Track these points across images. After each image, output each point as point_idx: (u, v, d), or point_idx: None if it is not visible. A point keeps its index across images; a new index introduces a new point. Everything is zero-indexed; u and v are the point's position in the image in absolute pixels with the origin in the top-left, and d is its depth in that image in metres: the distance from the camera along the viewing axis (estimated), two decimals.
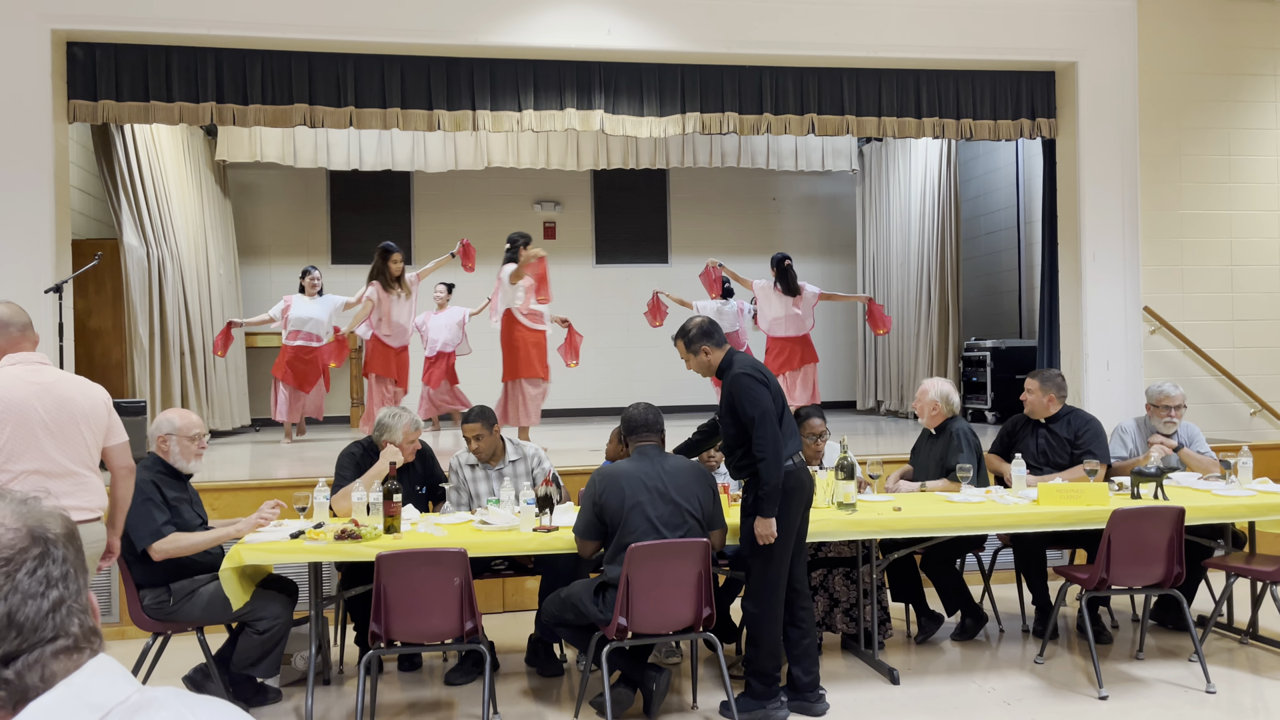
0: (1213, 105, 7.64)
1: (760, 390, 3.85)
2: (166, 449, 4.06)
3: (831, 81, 7.36)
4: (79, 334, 6.85)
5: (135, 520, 3.87)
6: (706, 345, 4.06)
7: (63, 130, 6.49)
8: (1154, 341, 7.53)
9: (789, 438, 3.92)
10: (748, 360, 4.04)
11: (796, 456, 3.94)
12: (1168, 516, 4.29)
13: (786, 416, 3.97)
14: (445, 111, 6.94)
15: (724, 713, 3.97)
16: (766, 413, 3.80)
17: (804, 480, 3.95)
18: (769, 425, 3.79)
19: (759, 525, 3.84)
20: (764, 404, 3.82)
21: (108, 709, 0.84)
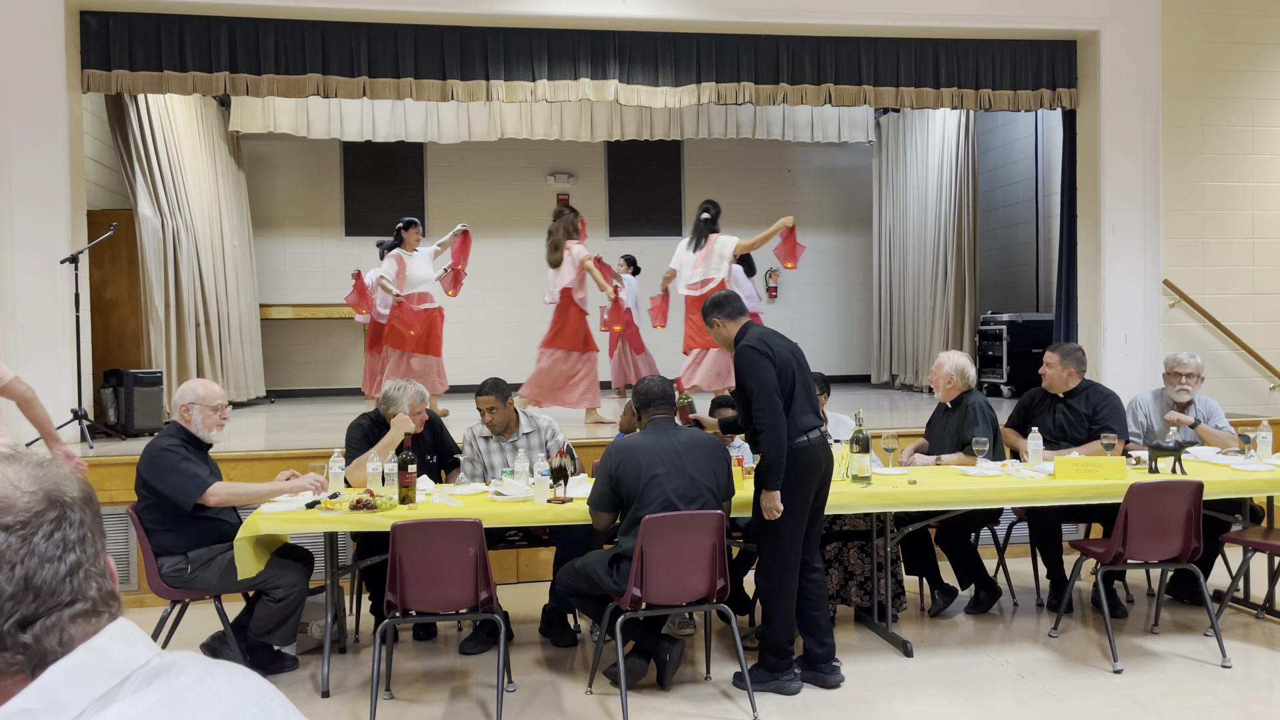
0: (1236, 75, 7.51)
1: (762, 363, 3.80)
2: (189, 418, 4.08)
3: (849, 51, 7.27)
4: (95, 304, 6.87)
5: (177, 483, 3.90)
6: (716, 317, 4.03)
7: (77, 100, 6.48)
8: (1173, 315, 7.45)
9: (802, 413, 3.87)
10: (758, 332, 3.96)
11: (813, 433, 3.88)
12: (1186, 491, 4.25)
13: (801, 391, 3.89)
14: (459, 81, 6.89)
15: (738, 683, 3.98)
16: (765, 385, 3.77)
17: (819, 457, 3.90)
18: (767, 398, 3.76)
19: (763, 499, 3.83)
20: (764, 377, 3.78)
21: (127, 673, 0.84)
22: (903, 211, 10.90)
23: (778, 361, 3.85)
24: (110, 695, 0.82)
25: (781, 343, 3.97)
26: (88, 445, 5.94)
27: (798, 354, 3.99)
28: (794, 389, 3.87)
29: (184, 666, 0.87)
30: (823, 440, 3.95)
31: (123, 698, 0.82)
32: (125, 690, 0.83)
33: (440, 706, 3.90)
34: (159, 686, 0.84)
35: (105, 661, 0.83)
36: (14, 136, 6.19)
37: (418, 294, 7.77)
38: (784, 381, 3.85)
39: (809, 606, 4.02)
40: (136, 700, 0.82)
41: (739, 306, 4.06)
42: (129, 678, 0.83)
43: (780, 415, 3.77)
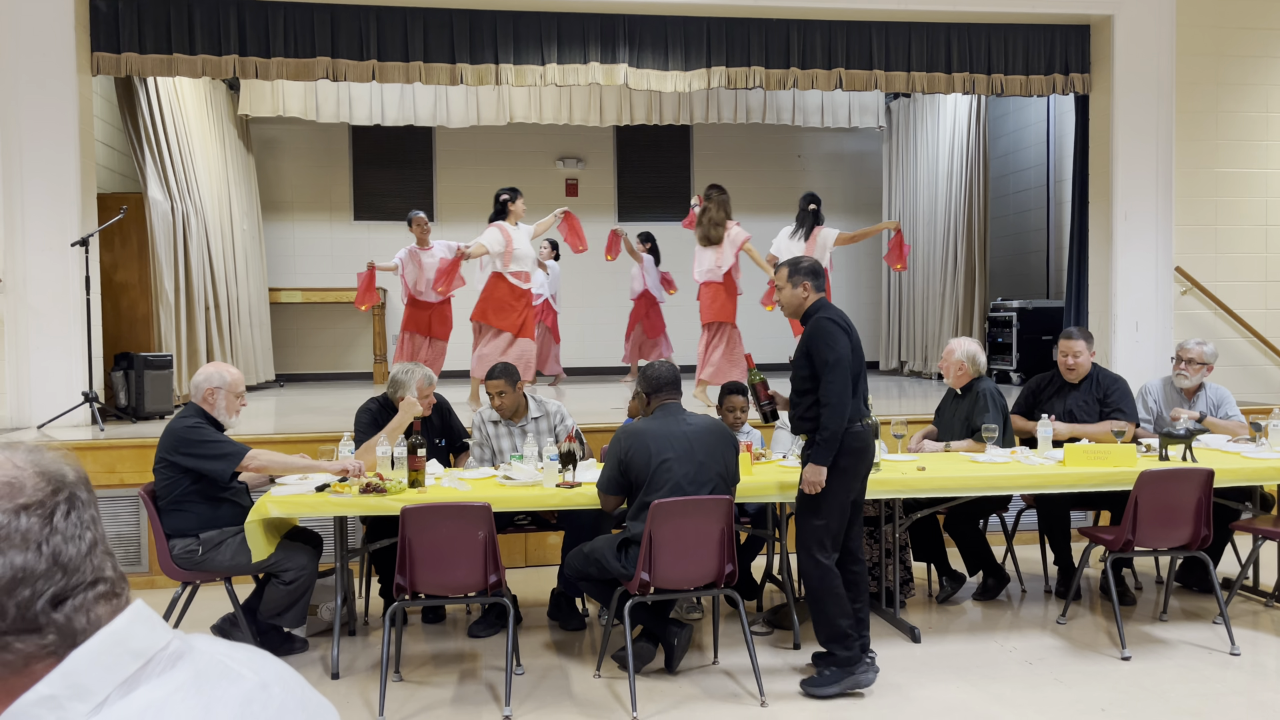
0: (1251, 60, 7.44)
1: (841, 337, 3.77)
2: (213, 402, 4.10)
3: (860, 35, 7.22)
4: (106, 287, 6.89)
5: (215, 450, 3.94)
6: (808, 282, 3.94)
7: (86, 83, 6.48)
8: (1185, 303, 7.42)
9: (863, 399, 3.87)
10: (836, 309, 3.92)
11: (866, 420, 3.86)
12: (1196, 478, 4.24)
13: (863, 378, 3.88)
14: (468, 65, 6.87)
15: (807, 691, 3.80)
16: (841, 359, 3.73)
17: (870, 443, 3.89)
18: (840, 373, 3.72)
19: (809, 471, 3.76)
20: (841, 351, 3.74)
21: (149, 655, 0.83)
22: (913, 197, 10.85)
23: (853, 341, 3.84)
24: (134, 679, 0.81)
25: (853, 328, 3.95)
26: (99, 428, 5.97)
27: (859, 344, 3.96)
28: (860, 374, 3.86)
29: (204, 650, 0.87)
30: (874, 428, 3.94)
31: (147, 681, 0.82)
32: (149, 673, 0.82)
33: (449, 689, 3.92)
34: (183, 668, 0.84)
35: (128, 645, 0.82)
36: (24, 119, 6.20)
37: (524, 272, 7.15)
38: (856, 362, 3.83)
39: (850, 599, 3.91)
40: (162, 683, 0.82)
41: (823, 284, 4.03)
42: (151, 660, 0.83)
43: (849, 393, 3.74)
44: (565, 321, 10.08)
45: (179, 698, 0.81)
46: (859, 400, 3.83)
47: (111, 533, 5.43)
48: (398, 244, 11.22)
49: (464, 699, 3.82)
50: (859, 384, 3.83)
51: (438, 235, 11.27)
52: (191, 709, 0.81)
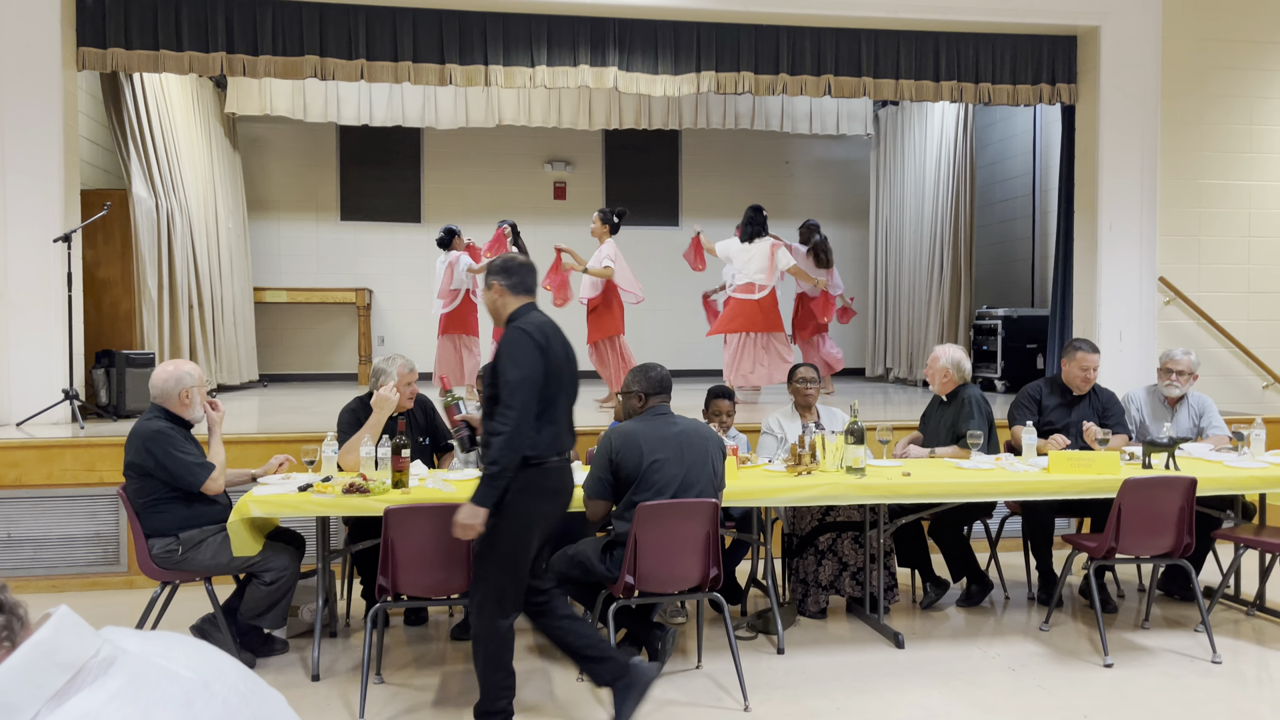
0: (1236, 73, 7.51)
1: (532, 353, 3.19)
2: (189, 401, 4.06)
3: (849, 42, 7.25)
4: (88, 284, 6.83)
5: (181, 464, 3.91)
6: (498, 281, 3.38)
7: (72, 78, 6.43)
8: (1168, 313, 7.46)
9: (566, 431, 3.36)
10: (539, 320, 3.33)
11: (559, 455, 3.34)
12: (1179, 487, 4.26)
13: (566, 405, 3.38)
14: (457, 66, 6.86)
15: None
16: (526, 380, 3.16)
17: (568, 484, 3.41)
18: (522, 395, 3.15)
19: (462, 513, 3.20)
20: (527, 369, 3.17)
21: (79, 666, 0.80)
22: (900, 205, 10.89)
23: (551, 362, 3.26)
24: (65, 691, 0.78)
25: (560, 342, 3.37)
26: (79, 426, 5.91)
27: (573, 363, 3.42)
28: (558, 399, 3.32)
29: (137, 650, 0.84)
30: (569, 464, 3.44)
31: (79, 691, 0.78)
32: (80, 683, 0.79)
33: (431, 691, 3.89)
34: (116, 674, 0.80)
35: (55, 657, 0.79)
36: (8, 114, 6.15)
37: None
38: (550, 386, 3.27)
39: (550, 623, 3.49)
40: (95, 692, 0.78)
41: (528, 284, 3.43)
42: (82, 670, 0.79)
43: (529, 420, 3.18)
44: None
45: (114, 706, 0.78)
46: (558, 430, 3.32)
47: (90, 532, 5.38)
48: (384, 244, 11.22)
49: (445, 701, 3.80)
50: (554, 409, 3.29)
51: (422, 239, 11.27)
52: (129, 717, 0.78)
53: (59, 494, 5.36)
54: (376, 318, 11.16)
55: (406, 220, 11.30)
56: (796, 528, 4.87)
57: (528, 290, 3.43)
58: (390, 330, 11.23)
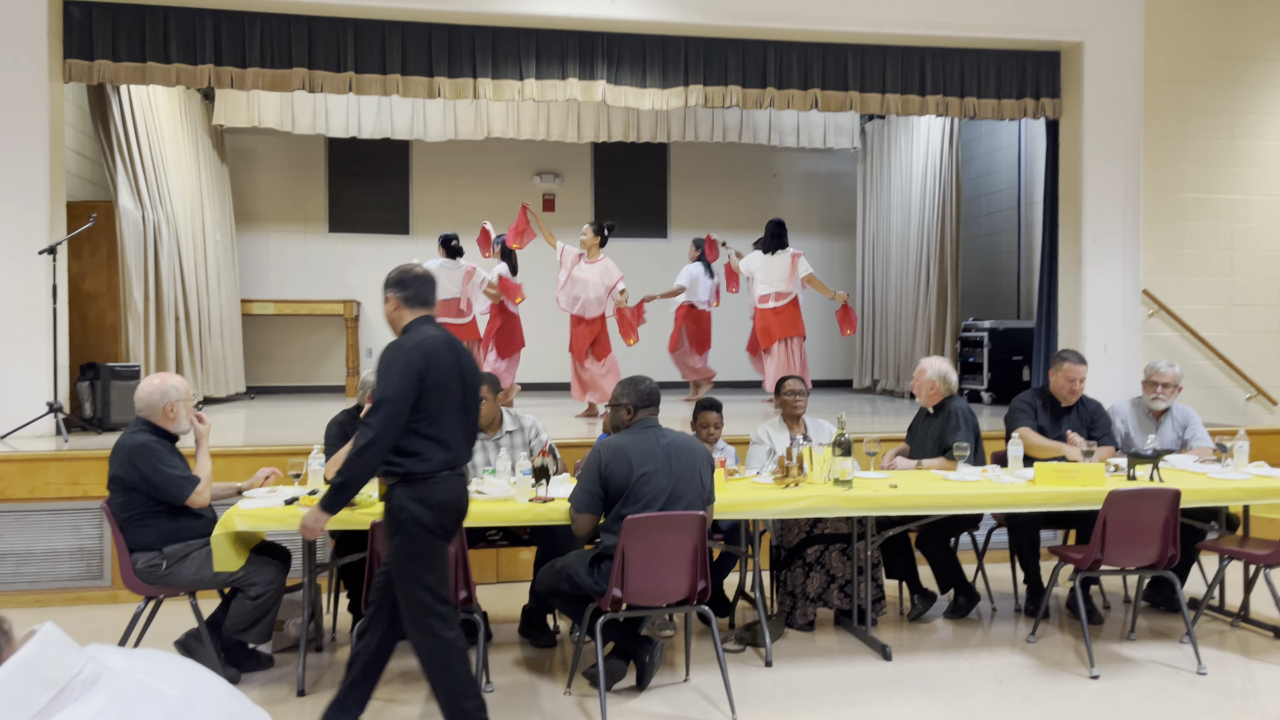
0: (1218, 88, 7.59)
1: (404, 374, 3.15)
2: (174, 414, 4.04)
3: (836, 57, 7.30)
4: (73, 296, 6.80)
5: (167, 478, 3.89)
6: (393, 294, 3.36)
7: (58, 90, 6.42)
8: (1152, 325, 7.52)
9: (452, 442, 3.29)
10: (427, 337, 3.27)
11: (451, 469, 3.30)
12: (1163, 498, 4.29)
13: (455, 419, 3.29)
14: (446, 79, 6.87)
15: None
16: (392, 398, 3.13)
17: (460, 495, 3.34)
18: (384, 412, 3.12)
19: (307, 516, 3.31)
20: (397, 388, 3.14)
21: (64, 683, 0.79)
22: (886, 218, 10.95)
23: (431, 380, 3.20)
24: (49, 709, 0.78)
25: (449, 361, 3.29)
26: (63, 439, 5.87)
27: (470, 377, 3.37)
28: (444, 414, 3.25)
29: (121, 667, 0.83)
30: (463, 482, 3.39)
31: (63, 709, 0.78)
32: (64, 700, 0.79)
33: (417, 706, 3.87)
34: (100, 691, 0.80)
35: (39, 674, 0.79)
36: None
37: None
38: (435, 402, 3.22)
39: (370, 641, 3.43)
40: (79, 709, 0.78)
41: (424, 297, 3.37)
42: (66, 687, 0.79)
43: (387, 440, 3.14)
44: (536, 335, 10.04)
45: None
46: (448, 444, 3.27)
47: (74, 546, 5.34)
48: (372, 256, 11.20)
49: (432, 716, 3.77)
50: (440, 424, 3.24)
51: (410, 251, 11.26)
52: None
53: (42, 508, 5.32)
54: (364, 329, 11.13)
55: (395, 232, 11.30)
56: (784, 540, 4.88)
57: (424, 303, 3.38)
58: (378, 342, 11.20)
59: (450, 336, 3.39)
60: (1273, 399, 7.56)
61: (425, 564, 3.26)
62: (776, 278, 8.29)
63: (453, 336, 3.42)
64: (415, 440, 3.22)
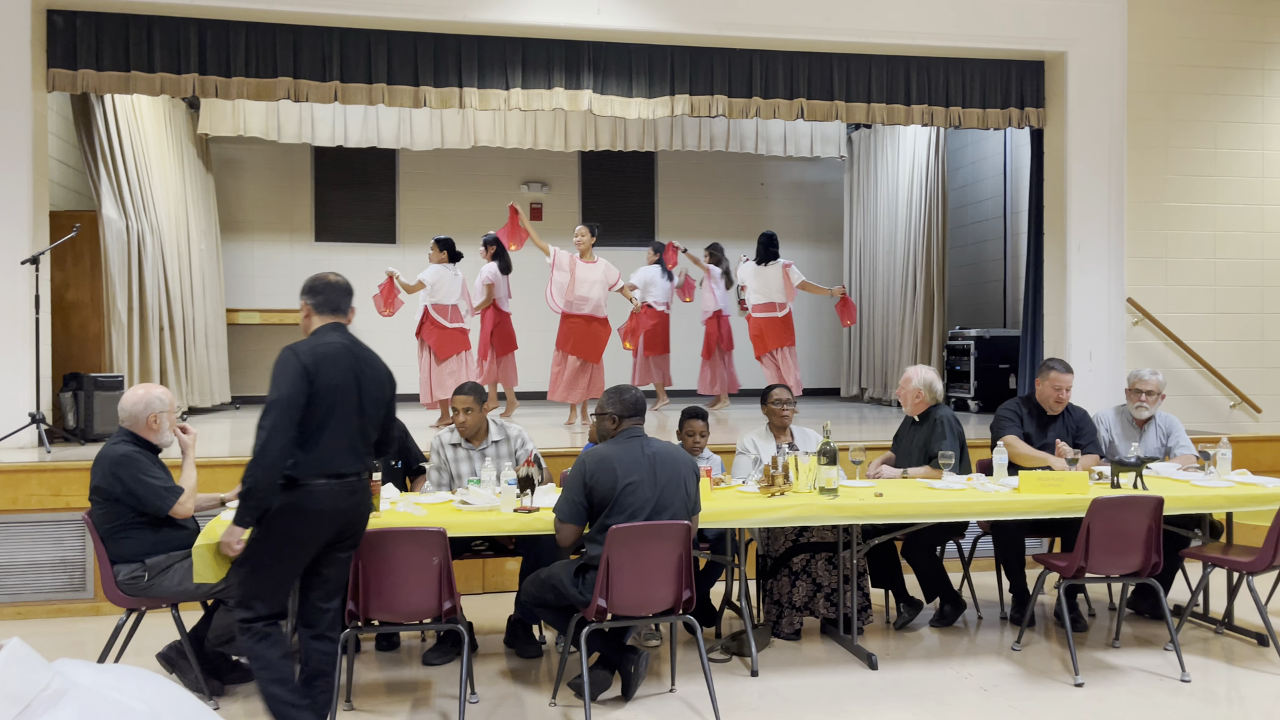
0: (1201, 98, 7.65)
1: (296, 381, 3.16)
2: (158, 426, 4.02)
3: (821, 66, 7.33)
4: (56, 306, 6.76)
5: (153, 486, 3.86)
6: (307, 301, 3.42)
7: (41, 99, 6.39)
8: (1136, 333, 7.56)
9: (335, 452, 3.25)
10: (322, 343, 3.30)
11: (340, 480, 3.27)
12: (1147, 506, 4.30)
13: (343, 427, 3.27)
14: (432, 88, 6.87)
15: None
16: (282, 400, 3.14)
17: (339, 506, 3.29)
18: (274, 416, 3.13)
19: (224, 531, 3.31)
20: (286, 390, 3.14)
21: (29, 699, 0.79)
22: (873, 227, 10.99)
23: (319, 385, 3.20)
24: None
25: (344, 367, 3.29)
26: (45, 450, 5.83)
27: (373, 387, 3.37)
28: (328, 423, 3.23)
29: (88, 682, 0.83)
30: (348, 490, 3.31)
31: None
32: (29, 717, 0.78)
33: (402, 718, 3.85)
34: (66, 707, 0.80)
35: (5, 689, 0.78)
36: None
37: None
38: (320, 410, 3.21)
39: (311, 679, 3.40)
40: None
41: (333, 303, 3.40)
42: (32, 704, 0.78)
43: (280, 441, 3.13)
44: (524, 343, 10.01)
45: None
46: (330, 453, 3.25)
47: (56, 558, 5.30)
48: (359, 265, 11.16)
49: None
50: (322, 432, 3.22)
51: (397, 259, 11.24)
52: None
53: (24, 519, 5.28)
54: None
55: (382, 241, 11.28)
56: (770, 549, 4.88)
57: (333, 310, 3.41)
58: None
59: (356, 345, 3.40)
60: (1256, 406, 7.60)
61: (268, 565, 3.27)
62: (771, 289, 8.39)
63: (360, 346, 3.43)
64: (295, 447, 3.20)
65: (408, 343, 8.25)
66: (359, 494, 3.38)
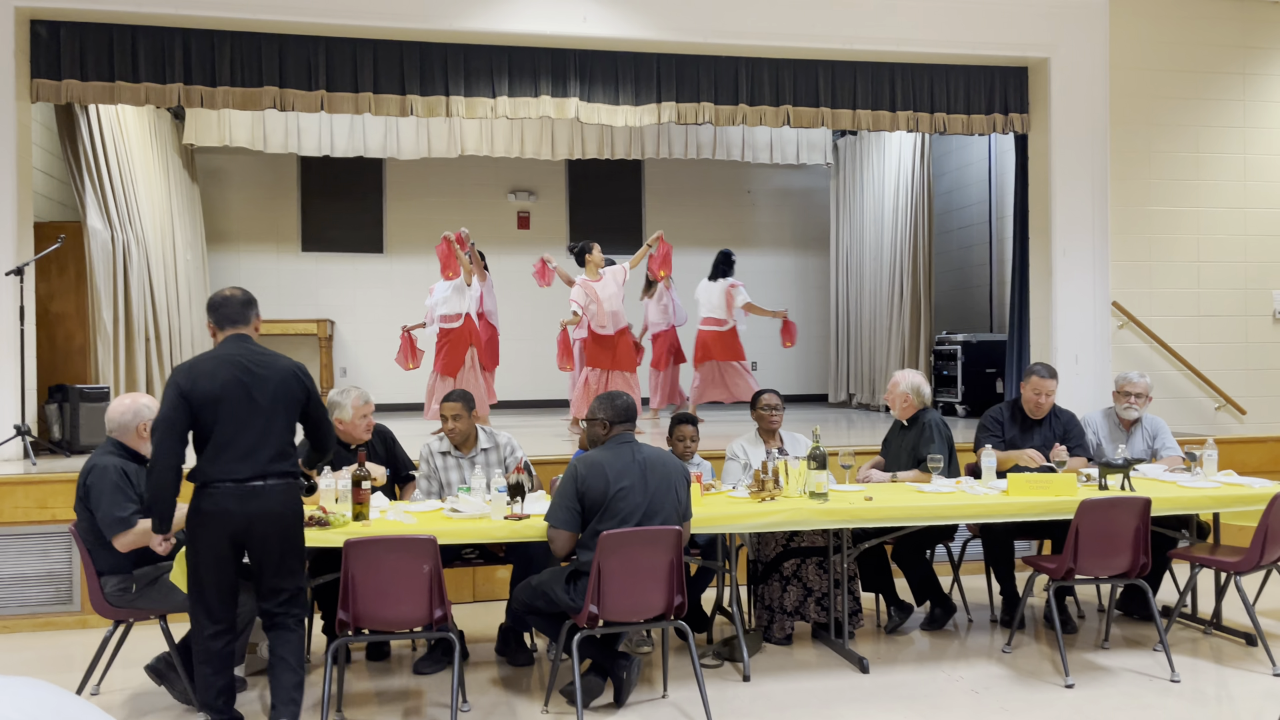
0: (1182, 102, 7.72)
1: (170, 398, 3.41)
2: (148, 434, 3.98)
3: (807, 73, 7.36)
4: (41, 318, 6.71)
5: (107, 508, 3.81)
6: (209, 319, 3.67)
7: (25, 110, 6.36)
8: (1122, 336, 7.61)
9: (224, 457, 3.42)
10: (205, 357, 3.53)
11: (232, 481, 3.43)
12: (1134, 507, 4.33)
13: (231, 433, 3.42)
14: (418, 97, 6.87)
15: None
16: (161, 420, 3.42)
17: (227, 507, 3.42)
18: (158, 436, 3.41)
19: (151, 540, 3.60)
20: (163, 412, 3.42)
21: None
22: (860, 232, 11.04)
23: (196, 399, 3.40)
24: None
25: (224, 377, 3.45)
26: (30, 462, 5.79)
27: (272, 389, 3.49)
28: (217, 427, 3.42)
29: None
30: (247, 493, 3.44)
31: None
32: None
33: None
34: None
35: None
36: None
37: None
38: (205, 420, 3.42)
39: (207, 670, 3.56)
40: None
41: (230, 317, 3.62)
42: None
43: (162, 457, 3.41)
44: (513, 352, 10.02)
45: None
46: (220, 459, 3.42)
47: (42, 570, 5.26)
48: (346, 275, 11.15)
49: None
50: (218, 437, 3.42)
51: (385, 269, 11.23)
52: None
53: (10, 532, 5.23)
54: (338, 348, 11.07)
55: (369, 251, 11.26)
56: (761, 554, 4.88)
57: (231, 323, 3.63)
58: (352, 361, 11.15)
59: (248, 353, 3.54)
60: (1241, 408, 7.66)
61: (195, 566, 3.50)
62: (713, 304, 8.58)
63: (254, 353, 3.56)
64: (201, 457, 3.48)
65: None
66: (262, 498, 3.47)
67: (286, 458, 3.54)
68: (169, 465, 3.43)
